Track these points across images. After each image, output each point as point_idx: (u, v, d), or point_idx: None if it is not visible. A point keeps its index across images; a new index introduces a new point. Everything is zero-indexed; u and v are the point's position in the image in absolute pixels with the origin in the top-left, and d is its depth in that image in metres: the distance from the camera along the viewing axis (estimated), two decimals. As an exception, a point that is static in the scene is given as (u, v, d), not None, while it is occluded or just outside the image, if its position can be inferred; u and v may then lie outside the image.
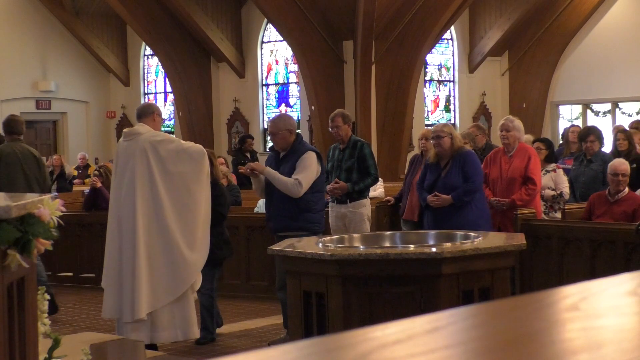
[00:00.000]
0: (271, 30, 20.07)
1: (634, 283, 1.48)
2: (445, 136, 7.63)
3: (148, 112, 7.38)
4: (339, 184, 8.53)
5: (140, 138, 7.11)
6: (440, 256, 5.33)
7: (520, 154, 8.25)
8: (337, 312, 5.39)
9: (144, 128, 7.21)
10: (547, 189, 9.18)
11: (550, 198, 9.18)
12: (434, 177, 7.68)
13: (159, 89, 22.53)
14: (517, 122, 8.42)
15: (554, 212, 9.13)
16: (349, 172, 8.56)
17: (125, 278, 7.02)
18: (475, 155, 7.97)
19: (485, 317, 1.30)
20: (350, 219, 8.63)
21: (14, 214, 3.38)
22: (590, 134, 9.86)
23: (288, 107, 20.39)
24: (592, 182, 9.49)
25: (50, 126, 22.25)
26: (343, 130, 8.62)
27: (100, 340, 6.21)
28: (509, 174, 8.22)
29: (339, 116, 8.71)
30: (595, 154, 9.64)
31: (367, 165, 8.53)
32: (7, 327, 3.37)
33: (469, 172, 7.55)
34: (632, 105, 19.99)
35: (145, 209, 7.02)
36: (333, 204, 8.75)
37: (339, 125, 8.62)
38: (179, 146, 7.21)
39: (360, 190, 8.59)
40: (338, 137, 8.72)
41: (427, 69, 20.22)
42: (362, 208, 8.64)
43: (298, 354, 1.11)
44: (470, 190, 7.50)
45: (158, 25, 20.04)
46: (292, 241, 6.24)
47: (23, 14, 21.06)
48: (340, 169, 8.64)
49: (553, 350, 1.11)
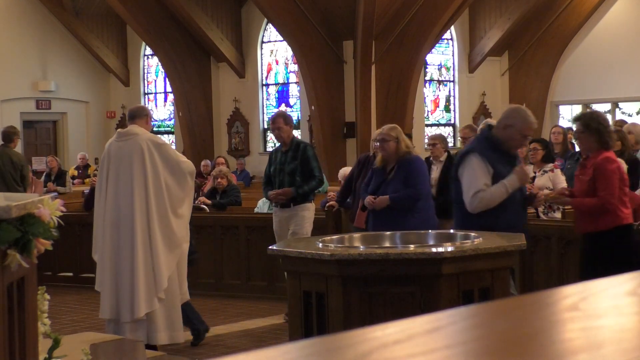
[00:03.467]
0: (271, 30, 20.07)
1: (634, 283, 1.48)
2: (391, 140, 7.29)
3: (142, 114, 7.40)
4: (282, 190, 8.30)
5: (137, 138, 7.12)
6: (440, 256, 5.33)
7: None
8: (337, 312, 5.39)
9: (140, 129, 7.23)
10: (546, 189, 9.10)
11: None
12: (378, 182, 7.36)
13: (159, 89, 22.53)
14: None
15: (552, 212, 9.06)
16: (292, 175, 8.31)
17: (123, 278, 7.02)
18: (420, 162, 7.54)
19: (485, 317, 1.30)
20: (293, 222, 8.42)
21: (14, 214, 3.38)
22: None
23: (288, 107, 20.39)
24: None
25: (50, 126, 22.25)
26: (285, 132, 8.36)
27: (100, 340, 6.21)
28: None
29: (280, 117, 8.47)
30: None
31: (311, 167, 8.27)
32: (7, 327, 3.37)
33: (410, 179, 7.21)
34: (632, 105, 20.00)
35: (143, 209, 7.03)
36: (276, 209, 8.51)
37: (281, 126, 8.35)
38: (175, 157, 7.25)
39: (304, 194, 8.35)
40: (280, 139, 8.46)
41: (427, 69, 20.22)
42: (306, 211, 8.42)
43: (298, 354, 1.11)
44: (410, 196, 7.17)
45: (158, 25, 20.04)
46: (292, 241, 6.24)
47: (23, 14, 21.06)
48: (283, 172, 8.38)
49: (553, 350, 1.11)
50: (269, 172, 8.55)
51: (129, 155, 7.10)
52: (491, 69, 21.23)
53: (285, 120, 8.41)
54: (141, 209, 7.03)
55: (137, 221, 7.00)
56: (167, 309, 7.09)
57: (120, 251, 7.06)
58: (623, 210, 6.54)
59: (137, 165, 7.07)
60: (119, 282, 7.06)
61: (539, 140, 9.79)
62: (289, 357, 1.10)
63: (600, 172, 6.52)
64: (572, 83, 20.62)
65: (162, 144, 7.28)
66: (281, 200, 8.33)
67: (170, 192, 7.13)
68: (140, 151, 7.07)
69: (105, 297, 7.14)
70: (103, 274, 7.16)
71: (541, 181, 9.17)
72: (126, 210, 7.05)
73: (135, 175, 7.07)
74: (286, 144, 8.41)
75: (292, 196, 8.29)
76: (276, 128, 8.38)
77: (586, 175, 6.61)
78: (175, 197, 7.15)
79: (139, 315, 6.95)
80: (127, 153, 7.11)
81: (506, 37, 20.48)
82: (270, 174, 8.50)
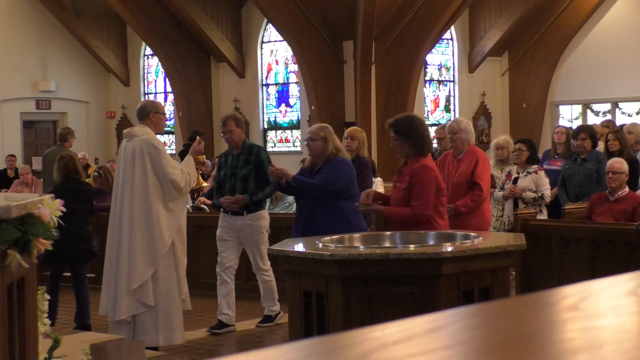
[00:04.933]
0: (271, 30, 20.07)
1: (634, 283, 1.48)
2: (318, 140, 7.15)
3: (143, 114, 7.35)
4: (235, 198, 7.90)
5: (135, 140, 7.15)
6: (440, 256, 5.33)
7: (468, 158, 7.61)
8: (337, 312, 5.39)
9: (141, 130, 7.23)
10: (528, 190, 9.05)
11: (531, 200, 9.05)
12: None
13: (159, 89, 22.53)
14: (464, 124, 7.85)
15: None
16: (245, 181, 7.92)
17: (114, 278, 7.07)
18: (345, 164, 7.25)
19: (485, 317, 1.30)
20: (246, 233, 8.04)
21: (14, 214, 3.38)
22: (581, 132, 9.79)
23: (288, 107, 20.39)
24: (586, 181, 9.41)
25: (50, 126, 22.24)
26: (236, 135, 7.97)
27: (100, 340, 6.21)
28: (456, 179, 7.57)
29: (231, 119, 8.07)
30: (590, 153, 9.56)
31: (265, 172, 7.68)
32: (7, 327, 3.37)
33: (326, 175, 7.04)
34: (632, 105, 19.99)
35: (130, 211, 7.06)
36: (225, 215, 8.10)
37: (232, 129, 7.97)
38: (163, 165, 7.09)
39: (259, 202, 8.02)
40: (231, 142, 8.05)
41: (427, 69, 20.21)
42: (260, 220, 8.05)
43: (298, 354, 1.11)
44: (314, 186, 7.00)
45: (158, 25, 20.04)
46: (292, 241, 6.24)
47: (23, 14, 21.05)
48: (235, 177, 7.98)
49: (553, 350, 1.11)
50: (219, 177, 8.15)
51: (126, 156, 7.16)
52: (491, 69, 21.23)
53: (236, 123, 8.03)
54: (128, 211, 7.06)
55: (124, 223, 7.04)
56: (164, 310, 7.08)
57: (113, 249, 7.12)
58: (439, 221, 6.28)
59: (129, 167, 7.12)
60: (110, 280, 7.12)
61: (524, 140, 9.66)
62: (289, 357, 1.10)
63: (416, 181, 6.22)
64: (572, 83, 20.61)
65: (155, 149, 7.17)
66: (234, 208, 7.95)
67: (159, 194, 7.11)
68: (133, 153, 7.11)
69: (102, 293, 7.20)
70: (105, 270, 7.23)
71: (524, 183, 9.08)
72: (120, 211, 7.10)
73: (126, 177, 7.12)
74: (238, 147, 8.03)
75: (245, 204, 7.92)
76: (227, 131, 7.98)
77: (402, 182, 6.32)
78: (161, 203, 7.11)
79: (119, 317, 6.96)
80: (127, 154, 7.17)
81: (506, 37, 20.47)
82: (221, 179, 8.11)
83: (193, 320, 8.39)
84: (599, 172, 9.34)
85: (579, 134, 9.71)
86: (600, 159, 9.48)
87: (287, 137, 20.46)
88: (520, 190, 9.15)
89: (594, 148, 9.69)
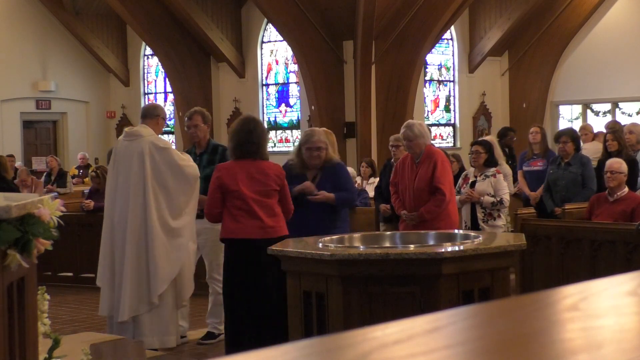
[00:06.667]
0: (271, 30, 20.07)
1: (634, 283, 1.48)
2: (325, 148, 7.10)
3: (153, 114, 7.33)
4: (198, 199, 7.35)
5: (142, 140, 7.09)
6: (440, 256, 5.33)
7: (426, 162, 7.35)
8: (337, 312, 5.39)
9: (146, 130, 7.18)
10: (487, 195, 8.56)
11: (489, 205, 8.56)
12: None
13: (159, 89, 22.52)
14: (418, 128, 7.42)
15: (493, 220, 8.55)
16: (208, 182, 7.09)
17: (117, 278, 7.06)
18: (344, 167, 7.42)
19: (485, 317, 1.30)
20: (204, 238, 7.57)
21: (14, 214, 3.38)
22: (562, 135, 9.60)
23: (288, 107, 20.40)
24: (572, 186, 9.24)
25: (50, 126, 22.24)
26: (202, 132, 7.60)
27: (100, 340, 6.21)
28: (416, 184, 7.36)
29: (198, 114, 7.67)
30: (573, 156, 9.37)
31: None
32: (7, 327, 3.37)
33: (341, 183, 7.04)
34: (632, 105, 19.99)
35: (136, 212, 7.02)
36: None
37: (198, 124, 7.59)
38: (179, 161, 7.10)
39: None
40: (195, 138, 7.64)
41: (427, 69, 20.21)
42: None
43: (298, 354, 1.11)
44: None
45: (158, 25, 20.04)
46: (292, 241, 6.24)
47: (23, 14, 21.05)
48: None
49: (553, 350, 1.11)
50: None
51: (131, 156, 7.09)
52: (491, 69, 21.23)
53: (203, 119, 7.65)
54: (135, 211, 7.02)
55: (129, 223, 7.01)
56: (159, 312, 7.08)
57: (115, 252, 7.09)
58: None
59: (137, 167, 7.05)
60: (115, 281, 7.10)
61: (481, 142, 9.21)
62: (289, 357, 1.10)
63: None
64: (572, 83, 20.61)
65: (165, 147, 7.17)
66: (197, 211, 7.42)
67: (171, 196, 7.08)
68: (141, 153, 7.04)
69: (104, 294, 7.18)
70: (104, 270, 7.19)
71: (482, 186, 8.64)
72: (122, 211, 7.06)
73: (132, 177, 7.05)
74: (201, 145, 7.65)
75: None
76: (193, 125, 7.58)
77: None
78: (176, 202, 7.09)
79: (122, 318, 6.97)
80: (130, 154, 7.10)
81: (506, 37, 20.47)
82: None
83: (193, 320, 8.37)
84: (584, 175, 9.20)
85: (561, 138, 9.50)
86: (584, 162, 9.32)
87: (287, 137, 20.46)
88: (478, 195, 8.63)
89: (577, 151, 9.47)
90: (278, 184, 6.66)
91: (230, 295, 6.71)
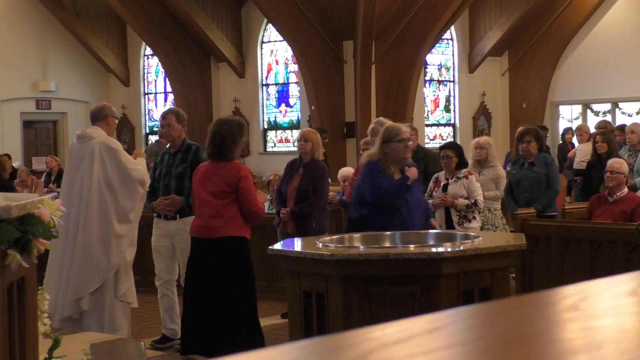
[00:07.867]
0: (271, 30, 20.07)
1: (634, 283, 1.48)
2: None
3: (101, 115, 7.38)
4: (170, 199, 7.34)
5: (92, 141, 7.15)
6: (440, 256, 5.33)
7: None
8: (337, 312, 5.39)
9: (96, 131, 7.26)
10: (460, 197, 8.36)
11: (464, 207, 8.33)
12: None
13: (159, 89, 22.52)
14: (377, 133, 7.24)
15: (468, 222, 8.35)
16: (181, 180, 7.28)
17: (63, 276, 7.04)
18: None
19: (485, 317, 1.30)
20: (179, 239, 7.40)
21: (14, 214, 3.38)
22: (526, 135, 9.13)
23: (288, 107, 20.40)
24: (536, 186, 8.88)
25: (50, 126, 22.24)
26: (176, 131, 7.51)
27: (100, 340, 6.21)
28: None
29: (172, 113, 7.65)
30: (537, 156, 8.98)
31: None
32: (7, 327, 3.37)
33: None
34: (632, 105, 20.00)
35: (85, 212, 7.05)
36: (159, 220, 7.51)
37: (172, 123, 7.52)
38: (124, 163, 7.12)
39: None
40: (169, 137, 7.57)
41: (427, 69, 20.22)
42: None
43: (298, 354, 1.11)
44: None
45: (158, 25, 20.04)
46: (292, 241, 6.24)
47: (23, 14, 21.05)
48: (169, 175, 7.45)
49: (553, 350, 1.11)
50: (154, 177, 7.58)
51: (81, 158, 7.16)
52: (491, 69, 21.23)
53: (177, 118, 7.57)
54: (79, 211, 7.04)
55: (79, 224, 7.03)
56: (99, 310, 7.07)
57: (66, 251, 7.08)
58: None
59: (87, 168, 7.11)
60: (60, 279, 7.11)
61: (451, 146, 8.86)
62: (289, 357, 1.10)
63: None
64: (572, 83, 20.61)
65: (114, 149, 7.17)
66: (169, 212, 7.37)
67: (117, 198, 7.09)
68: (91, 155, 7.11)
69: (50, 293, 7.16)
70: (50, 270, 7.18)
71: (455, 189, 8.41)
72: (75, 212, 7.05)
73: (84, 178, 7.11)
74: (175, 145, 7.55)
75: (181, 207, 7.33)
76: (167, 124, 7.51)
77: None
78: (122, 204, 7.10)
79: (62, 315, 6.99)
80: (82, 155, 7.18)
81: (506, 37, 20.48)
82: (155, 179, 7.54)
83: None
84: (549, 176, 8.88)
85: (524, 137, 9.09)
86: (549, 163, 9.01)
87: (287, 137, 20.46)
88: (451, 198, 8.41)
89: (540, 151, 9.11)
90: (231, 185, 6.65)
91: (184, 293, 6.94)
